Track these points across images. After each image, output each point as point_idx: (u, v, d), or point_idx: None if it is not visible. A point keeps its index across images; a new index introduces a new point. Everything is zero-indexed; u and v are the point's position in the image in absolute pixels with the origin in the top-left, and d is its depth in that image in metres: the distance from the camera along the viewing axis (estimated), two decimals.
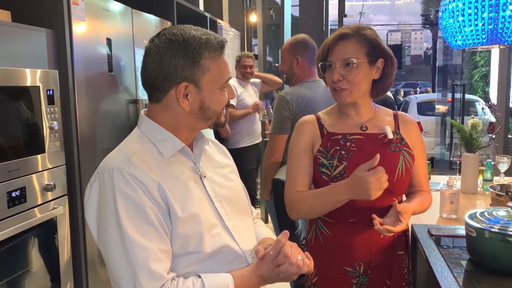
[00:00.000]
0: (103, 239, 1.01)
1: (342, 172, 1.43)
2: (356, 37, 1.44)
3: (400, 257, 1.51)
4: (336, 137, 1.48)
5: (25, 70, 1.74)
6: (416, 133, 1.56)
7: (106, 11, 2.23)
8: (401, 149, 1.48)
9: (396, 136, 1.50)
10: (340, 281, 1.49)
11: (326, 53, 1.47)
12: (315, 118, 1.55)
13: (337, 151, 1.46)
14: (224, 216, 1.12)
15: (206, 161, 1.19)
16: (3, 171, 1.61)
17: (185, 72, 1.05)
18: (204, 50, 1.07)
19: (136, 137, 1.12)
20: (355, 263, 1.48)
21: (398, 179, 1.45)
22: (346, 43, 1.44)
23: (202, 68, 1.06)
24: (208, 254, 1.06)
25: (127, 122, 2.41)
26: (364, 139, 1.48)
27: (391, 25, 36.91)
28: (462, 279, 1.24)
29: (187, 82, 1.06)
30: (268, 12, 6.08)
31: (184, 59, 1.05)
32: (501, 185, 2.01)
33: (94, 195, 1.03)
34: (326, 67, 1.47)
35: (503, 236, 1.21)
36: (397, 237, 1.50)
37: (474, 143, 2.52)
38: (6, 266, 1.66)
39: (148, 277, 0.96)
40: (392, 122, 1.53)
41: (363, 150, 1.45)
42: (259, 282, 1.09)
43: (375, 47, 1.45)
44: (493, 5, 2.04)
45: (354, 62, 1.42)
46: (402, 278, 1.52)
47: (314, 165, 1.49)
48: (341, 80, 1.43)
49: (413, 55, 37.51)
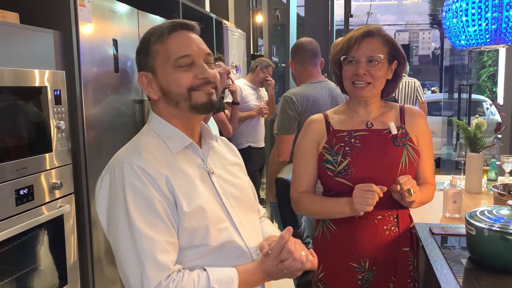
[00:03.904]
0: (113, 230, 1.04)
1: (346, 167, 1.47)
2: (380, 36, 1.49)
3: (405, 253, 1.53)
4: (341, 134, 1.53)
5: (33, 70, 1.77)
6: (423, 125, 1.58)
7: (112, 12, 2.26)
8: (405, 143, 1.52)
9: (401, 131, 1.53)
10: (346, 276, 1.52)
11: (350, 48, 1.49)
12: (323, 117, 1.60)
13: (341, 148, 1.50)
14: (232, 212, 1.15)
15: (215, 158, 1.21)
16: (11, 170, 1.65)
17: (142, 64, 1.13)
18: (151, 37, 1.12)
19: (146, 132, 1.16)
20: (360, 259, 1.51)
21: (401, 173, 1.48)
22: (371, 40, 1.48)
23: (152, 55, 1.12)
24: (214, 248, 1.08)
25: (133, 122, 2.45)
26: (369, 135, 1.52)
27: (398, 25, 36.73)
28: (462, 277, 1.25)
29: (143, 71, 1.13)
30: (274, 13, 6.10)
31: (140, 52, 1.14)
32: (504, 184, 2.02)
33: (105, 188, 1.06)
34: (347, 62, 1.50)
35: (502, 234, 1.23)
36: (402, 234, 1.52)
37: (478, 143, 2.53)
38: (14, 263, 1.70)
39: (154, 267, 0.99)
40: (398, 117, 1.57)
41: (367, 146, 1.49)
42: (263, 278, 1.11)
43: (394, 48, 1.51)
44: (497, 5, 2.04)
45: (380, 58, 1.47)
46: (407, 275, 1.54)
47: (319, 161, 1.54)
48: (366, 74, 1.47)
49: (421, 55, 37.27)
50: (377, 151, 1.47)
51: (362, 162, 1.47)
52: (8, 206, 1.64)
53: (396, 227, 1.51)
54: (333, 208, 1.49)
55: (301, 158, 1.58)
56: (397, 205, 1.50)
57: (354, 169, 1.46)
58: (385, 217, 1.50)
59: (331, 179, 1.49)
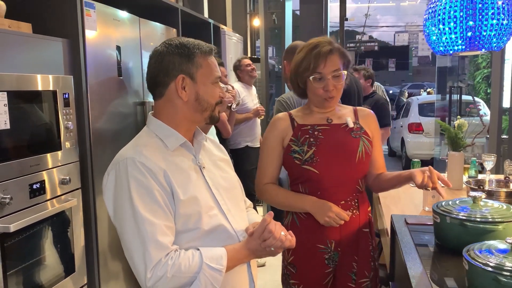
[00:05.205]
0: (119, 217, 1.21)
1: (312, 156, 1.67)
2: (337, 51, 1.67)
3: (365, 234, 1.76)
4: (305, 128, 1.72)
5: (45, 76, 1.94)
6: (374, 123, 1.82)
7: (116, 21, 2.43)
8: (360, 135, 1.73)
9: (356, 125, 1.74)
10: (314, 258, 1.72)
11: (317, 66, 1.65)
12: (287, 115, 1.79)
13: (306, 139, 1.70)
14: (220, 200, 1.32)
15: (205, 155, 1.39)
16: (25, 166, 1.82)
17: (182, 67, 1.27)
18: (197, 50, 1.29)
19: (145, 133, 1.33)
20: (327, 241, 1.72)
21: (359, 160, 1.70)
22: (332, 57, 1.66)
23: (196, 64, 1.28)
24: (205, 231, 1.25)
25: (135, 123, 2.61)
26: (329, 129, 1.72)
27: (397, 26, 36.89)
28: (426, 259, 1.41)
29: (183, 74, 1.27)
30: (271, 16, 6.26)
31: (181, 57, 1.27)
32: (476, 180, 2.18)
33: (111, 180, 1.23)
34: (316, 79, 1.67)
35: (460, 221, 1.39)
36: (362, 216, 1.76)
37: (459, 143, 2.70)
38: (26, 251, 1.86)
39: (155, 247, 1.16)
40: (352, 115, 1.78)
41: (328, 137, 1.70)
42: (248, 255, 1.29)
43: (346, 58, 1.69)
44: (470, 14, 2.21)
45: (342, 73, 1.66)
46: (368, 254, 1.76)
47: (286, 152, 1.73)
48: (333, 89, 1.66)
49: (420, 56, 37.35)
50: (338, 142, 1.69)
51: (325, 151, 1.67)
52: (24, 199, 1.81)
53: (357, 210, 1.73)
54: (295, 203, 1.71)
55: (267, 152, 1.78)
56: (357, 191, 1.73)
57: (319, 157, 1.66)
58: (347, 201, 1.71)
59: (299, 167, 1.69)
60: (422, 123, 8.09)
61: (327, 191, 1.68)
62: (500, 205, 1.45)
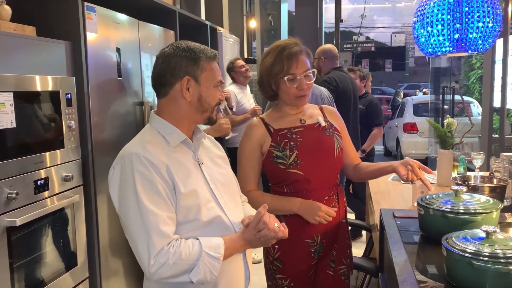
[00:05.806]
0: (124, 208, 1.29)
1: (296, 159, 1.75)
2: (304, 51, 1.77)
3: (343, 224, 1.88)
4: (283, 132, 1.79)
5: (48, 77, 2.02)
6: (339, 118, 1.94)
7: (116, 23, 2.51)
8: (333, 133, 1.84)
9: (326, 123, 1.84)
10: (301, 252, 1.81)
11: (290, 67, 1.74)
12: (260, 121, 1.84)
13: (287, 144, 1.77)
14: (218, 194, 1.40)
15: (203, 152, 1.48)
16: (30, 163, 1.90)
17: (188, 69, 1.36)
18: (202, 55, 1.38)
19: (148, 130, 1.41)
20: (314, 236, 1.81)
21: (337, 157, 1.81)
22: (302, 57, 1.75)
23: (200, 68, 1.37)
24: (204, 223, 1.34)
25: (134, 122, 2.70)
26: (305, 130, 1.80)
27: (394, 27, 37.02)
28: (411, 248, 1.50)
29: (189, 76, 1.36)
30: (267, 18, 6.36)
31: (187, 59, 1.36)
32: (462, 176, 2.27)
33: (117, 174, 1.32)
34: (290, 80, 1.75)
35: (442, 213, 1.48)
36: (341, 207, 1.87)
37: (448, 141, 2.80)
38: (31, 245, 1.94)
39: (158, 236, 1.24)
40: (320, 114, 1.88)
41: (307, 139, 1.78)
42: (244, 245, 1.37)
43: (311, 59, 1.80)
44: (457, 18, 2.30)
45: (312, 72, 1.77)
46: (345, 242, 1.89)
47: (268, 158, 1.78)
48: (306, 88, 1.75)
49: (417, 57, 37.44)
50: (316, 142, 1.78)
51: (307, 153, 1.76)
52: (29, 195, 1.89)
53: (337, 202, 1.84)
54: (282, 207, 1.78)
55: (246, 160, 1.82)
56: (336, 184, 1.84)
57: (302, 159, 1.74)
58: (330, 196, 1.82)
59: (284, 171, 1.76)
60: (416, 123, 8.19)
61: (312, 189, 1.77)
62: (480, 198, 1.54)
